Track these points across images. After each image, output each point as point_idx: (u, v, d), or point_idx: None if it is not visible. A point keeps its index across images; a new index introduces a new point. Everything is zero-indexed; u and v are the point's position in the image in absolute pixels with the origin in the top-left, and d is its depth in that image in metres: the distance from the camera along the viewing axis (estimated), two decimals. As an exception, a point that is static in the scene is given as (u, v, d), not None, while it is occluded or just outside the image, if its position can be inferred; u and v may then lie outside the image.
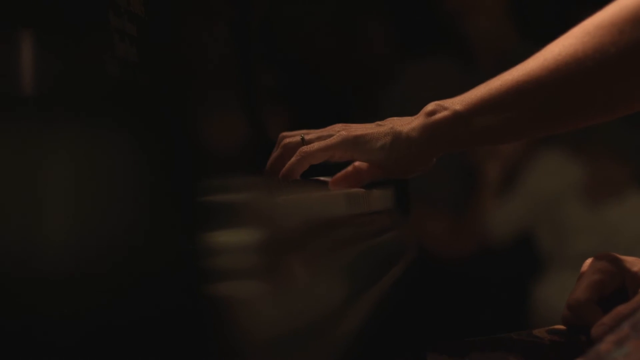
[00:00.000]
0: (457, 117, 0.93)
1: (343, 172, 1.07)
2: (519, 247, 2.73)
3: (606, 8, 0.86)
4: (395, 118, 0.99)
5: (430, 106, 0.95)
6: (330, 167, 1.08)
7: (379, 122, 1.00)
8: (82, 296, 0.48)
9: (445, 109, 0.94)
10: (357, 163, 1.06)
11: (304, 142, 1.00)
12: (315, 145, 0.98)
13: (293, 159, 0.98)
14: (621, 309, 0.88)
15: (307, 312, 0.66)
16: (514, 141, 1.36)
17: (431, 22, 2.97)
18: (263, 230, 0.61)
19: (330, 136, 0.99)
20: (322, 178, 1.15)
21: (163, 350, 0.49)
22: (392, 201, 1.24)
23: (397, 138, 0.96)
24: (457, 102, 0.93)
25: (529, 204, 2.71)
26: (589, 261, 0.93)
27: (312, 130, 1.03)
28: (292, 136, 1.03)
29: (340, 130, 0.99)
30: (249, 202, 0.61)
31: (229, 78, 1.27)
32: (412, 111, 1.08)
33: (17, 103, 0.53)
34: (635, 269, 0.90)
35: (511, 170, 2.74)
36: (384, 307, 0.93)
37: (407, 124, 0.96)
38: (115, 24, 0.84)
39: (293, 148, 1.01)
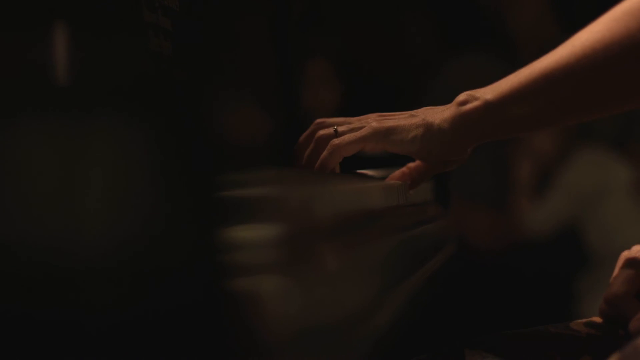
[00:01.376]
0: (489, 107, 0.92)
1: (398, 172, 1.06)
2: (561, 241, 2.71)
3: None
4: (428, 108, 0.99)
5: (462, 96, 0.94)
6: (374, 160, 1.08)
7: (413, 112, 0.99)
8: (114, 289, 0.48)
9: (476, 99, 0.93)
10: (410, 164, 1.06)
11: (336, 133, 1.00)
12: (347, 138, 0.98)
13: (325, 153, 0.98)
14: None
15: (342, 305, 0.65)
16: (547, 128, 1.35)
17: (473, 15, 2.95)
18: (296, 224, 0.61)
19: (362, 127, 0.99)
20: (363, 171, 1.14)
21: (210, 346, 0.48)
22: (431, 194, 1.23)
23: (429, 130, 0.95)
24: (489, 92, 0.92)
25: (569, 199, 2.70)
26: (625, 254, 0.92)
27: (346, 119, 1.02)
28: (326, 126, 1.02)
29: (372, 122, 0.99)
30: (281, 195, 0.60)
31: (266, 72, 1.26)
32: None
33: (50, 97, 0.53)
34: None
35: (550, 166, 2.72)
36: (421, 301, 0.92)
37: (439, 115, 0.96)
38: (149, 18, 0.84)
39: (325, 140, 1.00)
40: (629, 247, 1.00)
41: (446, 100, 1.11)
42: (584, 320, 0.98)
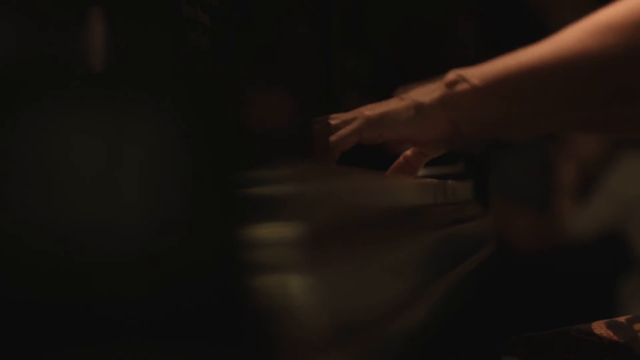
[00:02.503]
0: (476, 91, 0.91)
1: (395, 164, 1.05)
2: (605, 245, 2.69)
3: (616, 6, 0.84)
4: (419, 87, 0.97)
5: (451, 76, 0.93)
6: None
7: (401, 95, 0.98)
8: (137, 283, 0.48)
9: (465, 80, 0.91)
10: (405, 152, 1.05)
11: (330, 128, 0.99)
12: (341, 132, 0.97)
13: (323, 153, 0.98)
14: None
15: (377, 302, 0.65)
16: (532, 132, 1.33)
17: (518, 17, 2.94)
18: (328, 220, 0.61)
19: (354, 118, 0.98)
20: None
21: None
22: (471, 193, 1.22)
23: (420, 110, 0.94)
24: (477, 75, 0.91)
25: (613, 203, 2.68)
26: None
27: (337, 115, 1.02)
28: (320, 122, 1.01)
29: (364, 111, 0.98)
30: (313, 191, 0.60)
31: (307, 69, 1.26)
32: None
33: (87, 89, 0.53)
34: None
35: (594, 170, 2.71)
36: (457, 300, 0.92)
37: (429, 95, 0.94)
38: (188, 12, 0.84)
39: (321, 136, 0.99)
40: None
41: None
42: (606, 320, 0.98)
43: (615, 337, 0.95)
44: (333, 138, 0.97)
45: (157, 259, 0.48)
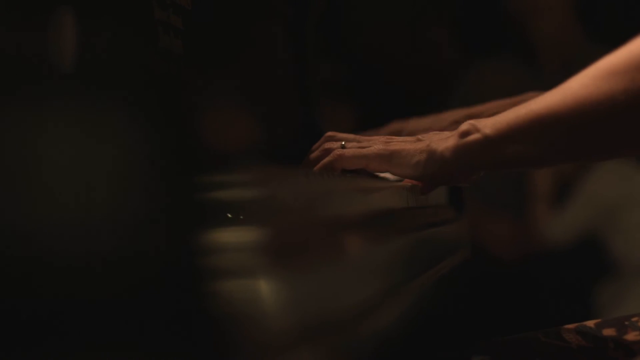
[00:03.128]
0: (487, 142, 0.93)
1: None
2: (581, 251, 2.70)
3: (619, 51, 0.86)
4: (435, 133, 1.00)
5: (465, 126, 0.95)
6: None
7: (420, 137, 1.00)
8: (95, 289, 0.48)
9: (477, 130, 0.94)
10: None
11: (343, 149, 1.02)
12: (352, 150, 1.00)
13: (326, 159, 0.99)
14: None
15: (346, 304, 0.65)
16: (541, 168, 1.37)
17: (496, 23, 2.95)
18: (298, 222, 0.61)
19: (369, 146, 1.00)
20: (384, 175, 1.14)
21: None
22: (445, 198, 1.23)
23: (432, 156, 0.97)
24: (489, 126, 0.94)
25: (590, 209, 2.68)
26: None
27: (356, 137, 1.04)
28: (336, 140, 1.04)
29: (379, 143, 1.00)
30: (282, 193, 0.60)
31: (280, 73, 1.26)
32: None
33: (58, 92, 0.53)
34: None
35: (570, 176, 2.71)
36: (429, 303, 0.92)
37: (443, 142, 0.97)
38: (160, 15, 0.84)
39: (329, 147, 1.02)
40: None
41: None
42: (575, 325, 0.98)
43: (583, 342, 0.96)
44: (341, 152, 1.00)
45: (114, 263, 0.48)
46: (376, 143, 1.01)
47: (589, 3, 2.91)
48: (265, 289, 0.50)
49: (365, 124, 1.44)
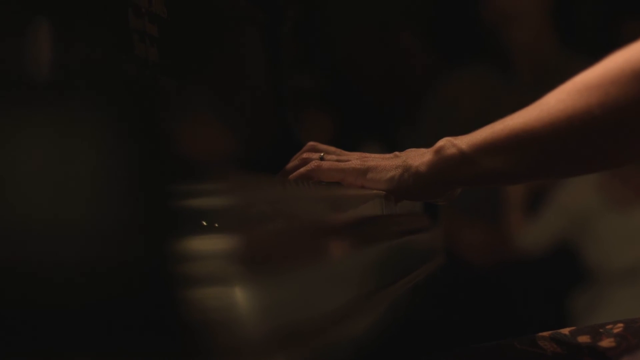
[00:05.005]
0: (462, 157, 0.94)
1: None
2: (555, 258, 2.71)
3: (595, 67, 0.87)
4: (413, 150, 1.01)
5: (442, 141, 0.96)
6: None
7: (397, 153, 1.01)
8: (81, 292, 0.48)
9: (453, 146, 0.95)
10: None
11: (322, 160, 1.02)
12: (328, 163, 1.01)
13: (303, 169, 1.00)
14: None
15: (320, 310, 0.65)
16: (516, 184, 1.38)
17: (471, 32, 2.96)
18: (271, 229, 0.61)
19: (348, 161, 1.01)
20: None
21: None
22: (420, 205, 1.23)
23: (407, 171, 0.98)
24: (465, 141, 0.94)
25: (563, 217, 2.70)
26: None
27: (337, 150, 1.05)
28: (316, 151, 1.04)
29: (357, 159, 1.01)
30: (254, 200, 0.61)
31: (255, 80, 1.27)
32: (450, 120, 1.07)
33: (33, 100, 0.53)
34: None
35: (543, 185, 2.73)
36: (404, 310, 0.92)
37: (419, 158, 0.98)
38: (135, 24, 0.84)
39: (307, 158, 1.02)
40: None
41: (443, 117, 1.12)
42: (550, 332, 0.99)
43: (558, 349, 0.97)
44: (318, 163, 1.01)
45: (87, 271, 0.48)
46: (354, 158, 1.02)
47: (563, 11, 2.93)
48: (239, 296, 0.50)
49: (340, 131, 1.45)
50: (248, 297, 0.51)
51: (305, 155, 1.04)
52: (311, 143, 1.06)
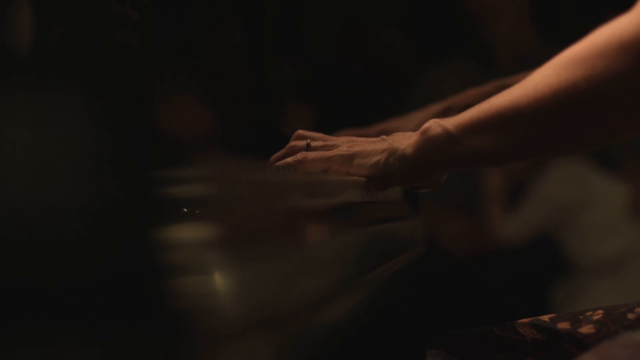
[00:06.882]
0: (448, 137, 0.93)
1: None
2: (536, 250, 2.72)
3: (582, 41, 0.86)
4: (399, 133, 1.00)
5: (428, 123, 0.95)
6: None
7: (384, 137, 1.00)
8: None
9: (439, 126, 0.94)
10: None
11: (308, 148, 1.02)
12: (314, 153, 1.00)
13: (289, 159, 1.00)
14: None
15: (297, 296, 0.66)
16: (504, 164, 1.35)
17: (451, 24, 2.96)
18: (247, 214, 0.61)
19: (334, 146, 1.00)
20: None
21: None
22: (401, 194, 1.23)
23: (393, 154, 0.97)
24: (452, 122, 0.93)
25: (544, 209, 2.71)
26: None
27: (323, 136, 1.04)
28: (303, 138, 1.04)
29: (342, 145, 1.00)
30: (230, 183, 0.61)
31: (237, 70, 1.27)
32: (433, 114, 1.07)
33: (12, 84, 0.53)
34: None
35: (523, 176, 2.73)
36: (383, 298, 0.93)
37: (405, 140, 0.97)
38: (117, 9, 0.84)
39: (297, 151, 1.02)
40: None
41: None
42: (530, 319, 0.99)
43: (538, 336, 0.97)
44: (304, 154, 1.00)
45: (69, 258, 0.47)
46: (341, 143, 1.02)
47: (544, 4, 2.93)
48: (217, 282, 0.50)
49: (322, 123, 1.45)
50: (225, 283, 0.51)
51: (292, 143, 1.04)
52: (299, 131, 1.06)
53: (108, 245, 0.48)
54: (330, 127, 1.36)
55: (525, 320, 1.00)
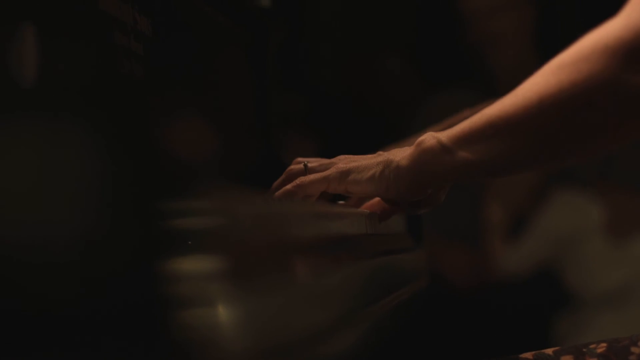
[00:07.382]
0: (442, 148, 0.93)
1: (374, 200, 1.07)
2: (538, 282, 2.71)
3: (569, 47, 0.86)
4: (397, 149, 1.00)
5: (424, 136, 0.95)
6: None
7: (381, 152, 1.00)
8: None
9: (434, 138, 0.94)
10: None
11: (306, 170, 1.01)
12: (311, 176, 1.00)
13: (288, 186, 0.99)
14: None
15: (302, 328, 0.65)
16: (498, 176, 1.35)
17: (455, 54, 2.97)
18: (250, 244, 0.61)
19: (332, 164, 1.00)
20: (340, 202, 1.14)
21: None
22: (403, 226, 1.23)
23: (387, 167, 0.97)
24: (446, 134, 0.94)
25: (545, 241, 2.70)
26: None
27: (319, 160, 1.04)
28: (300, 163, 1.03)
29: (339, 163, 1.00)
30: (235, 214, 0.61)
31: (240, 102, 1.27)
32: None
33: (18, 110, 0.53)
34: None
35: (525, 209, 2.73)
36: (385, 330, 0.92)
37: (400, 153, 0.97)
38: (121, 41, 0.84)
39: (294, 175, 1.01)
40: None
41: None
42: (533, 353, 0.99)
43: None
44: (302, 179, 1.00)
45: (74, 290, 0.47)
46: (338, 161, 1.02)
47: (547, 33, 2.94)
48: (221, 314, 0.50)
49: (324, 153, 1.45)
50: (230, 316, 0.51)
51: (290, 167, 1.03)
52: (298, 159, 1.06)
53: (113, 277, 0.48)
54: (332, 157, 1.36)
55: (528, 354, 0.99)
